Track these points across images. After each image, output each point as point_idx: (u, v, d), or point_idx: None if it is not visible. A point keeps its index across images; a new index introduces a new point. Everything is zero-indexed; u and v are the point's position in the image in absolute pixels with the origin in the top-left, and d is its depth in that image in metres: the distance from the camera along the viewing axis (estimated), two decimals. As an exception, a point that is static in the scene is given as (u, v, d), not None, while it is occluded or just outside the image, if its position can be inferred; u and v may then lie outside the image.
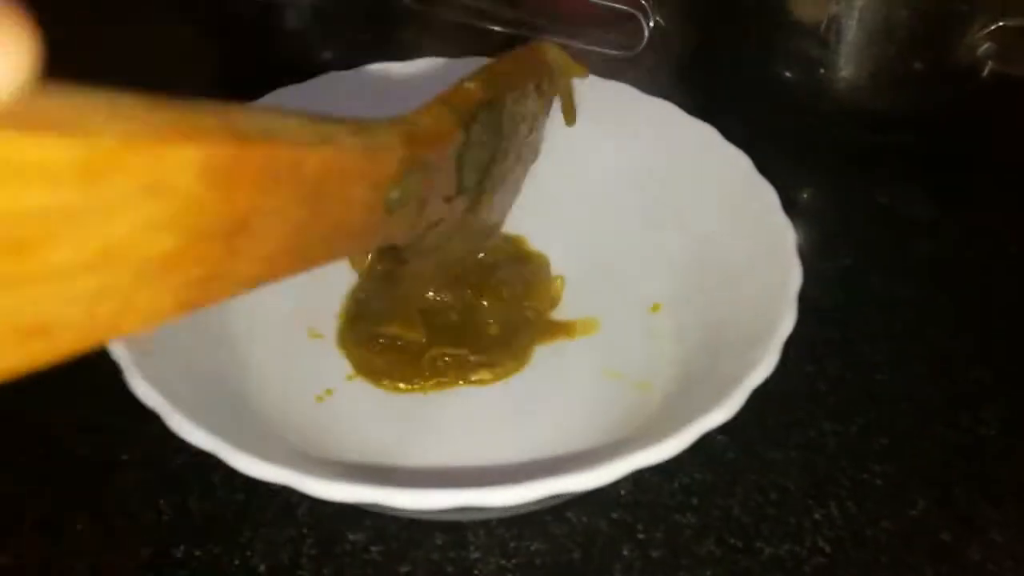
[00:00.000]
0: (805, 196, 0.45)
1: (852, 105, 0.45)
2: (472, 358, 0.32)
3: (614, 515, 0.29)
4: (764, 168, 0.45)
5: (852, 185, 0.45)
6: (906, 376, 0.34)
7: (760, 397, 0.33)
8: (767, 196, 0.30)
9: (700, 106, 0.51)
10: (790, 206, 0.42)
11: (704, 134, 0.33)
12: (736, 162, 0.31)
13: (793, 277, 0.26)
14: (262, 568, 0.27)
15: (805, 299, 0.37)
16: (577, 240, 0.37)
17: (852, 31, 0.41)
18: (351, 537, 0.28)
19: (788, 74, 0.45)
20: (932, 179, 0.45)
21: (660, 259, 0.34)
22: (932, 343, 0.36)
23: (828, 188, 0.46)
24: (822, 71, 0.44)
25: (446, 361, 0.32)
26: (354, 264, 0.35)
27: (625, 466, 0.21)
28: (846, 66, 0.43)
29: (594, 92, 0.36)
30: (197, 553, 0.27)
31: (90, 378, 0.23)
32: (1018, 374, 0.34)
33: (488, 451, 0.30)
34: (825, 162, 0.47)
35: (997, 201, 0.44)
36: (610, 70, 0.55)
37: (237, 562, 0.27)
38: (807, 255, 0.39)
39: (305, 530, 0.28)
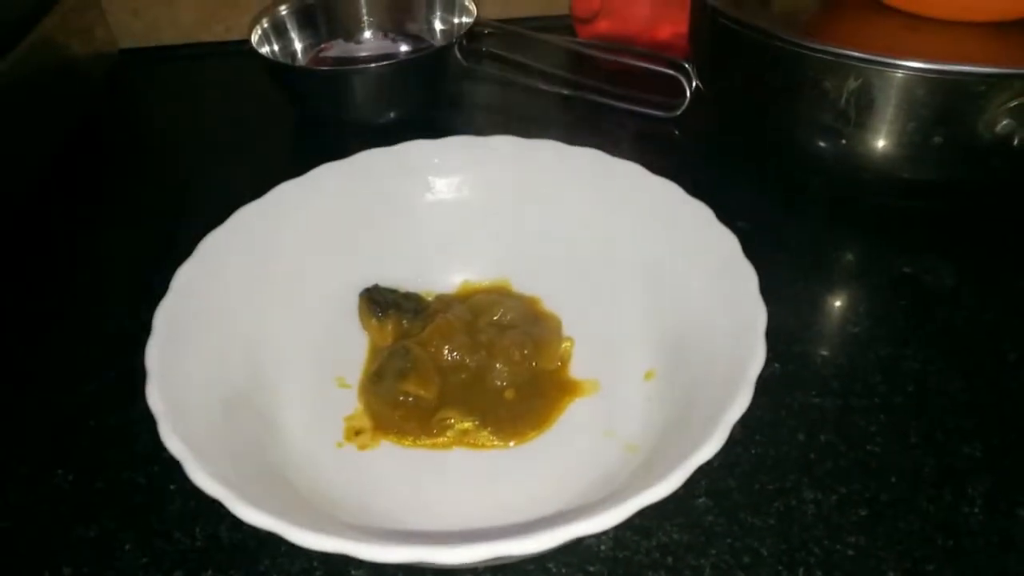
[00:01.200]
0: (827, 261, 0.46)
1: (881, 173, 0.46)
2: (485, 431, 0.35)
3: (591, 568, 0.31)
4: (789, 232, 0.47)
5: (877, 252, 0.46)
6: (898, 448, 0.35)
7: (752, 463, 0.35)
8: (748, 278, 0.32)
9: (731, 169, 0.53)
10: (810, 270, 0.44)
11: (700, 214, 0.35)
12: (725, 243, 0.34)
13: (757, 358, 0.28)
14: (275, 595, 0.31)
15: (808, 365, 0.39)
16: (586, 305, 0.39)
17: (873, 105, 0.43)
18: (354, 573, 0.32)
19: (819, 143, 0.47)
20: (959, 247, 0.46)
21: (655, 330, 0.36)
22: (931, 416, 0.37)
23: (854, 253, 0.47)
24: (849, 141, 0.45)
25: (452, 425, 0.35)
26: (378, 341, 0.39)
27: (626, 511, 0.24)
28: (870, 137, 0.44)
29: (606, 171, 0.38)
30: (221, 578, 0.32)
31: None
32: (1009, 448, 0.35)
33: (490, 506, 0.32)
34: (852, 228, 0.48)
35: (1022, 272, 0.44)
36: (651, 129, 0.58)
37: (254, 588, 0.31)
38: (818, 322, 0.42)
39: (315, 563, 0.32)
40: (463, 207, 0.41)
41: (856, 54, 0.41)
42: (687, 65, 0.56)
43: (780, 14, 0.49)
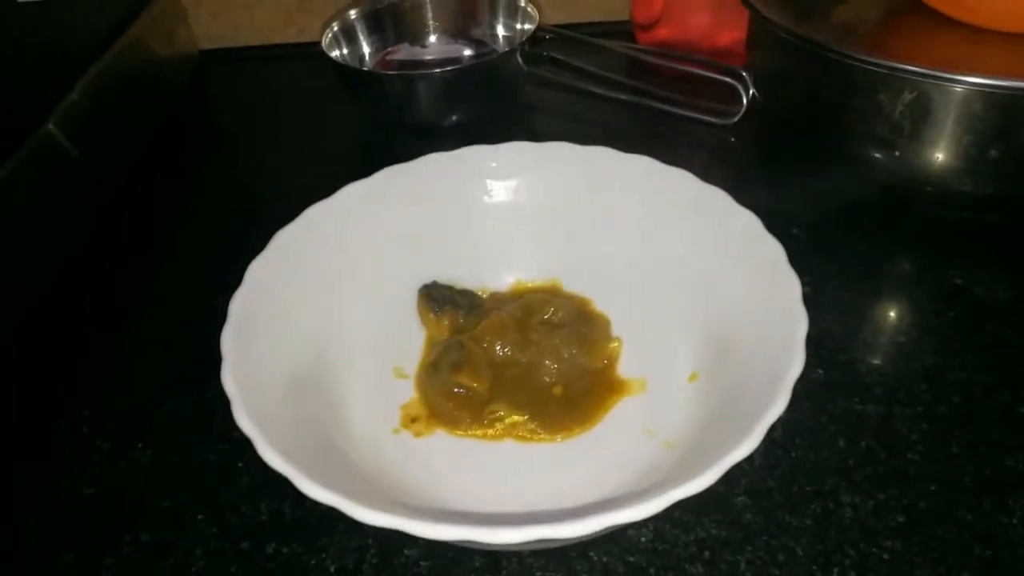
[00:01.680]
0: (877, 271, 0.46)
1: (934, 185, 0.46)
2: (533, 425, 0.37)
3: (631, 558, 0.33)
4: (841, 241, 0.47)
5: (928, 263, 0.46)
6: (940, 457, 0.36)
7: (792, 465, 0.36)
8: (791, 286, 0.33)
9: (784, 178, 0.54)
10: (860, 279, 0.44)
11: (747, 222, 0.36)
12: (770, 251, 0.35)
13: (795, 363, 0.30)
14: (332, 569, 0.33)
15: (852, 372, 0.40)
16: (634, 307, 0.41)
17: (928, 118, 0.43)
18: (406, 552, 0.34)
19: (873, 154, 0.47)
20: (1013, 261, 0.46)
21: (700, 333, 0.38)
22: (975, 427, 0.37)
23: (905, 263, 0.47)
24: (903, 153, 0.45)
25: (502, 417, 0.37)
26: (435, 335, 0.41)
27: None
28: (924, 150, 0.44)
29: (658, 177, 0.40)
30: (284, 550, 0.34)
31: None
32: (1053, 466, 0.35)
33: (535, 495, 0.34)
34: (903, 238, 0.48)
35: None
36: (707, 135, 0.59)
37: (313, 562, 0.33)
38: (865, 330, 0.42)
39: (370, 541, 0.34)
40: (518, 210, 0.43)
41: (911, 67, 0.42)
42: (744, 73, 0.57)
43: (838, 25, 0.49)
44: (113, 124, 0.55)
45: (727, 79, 0.58)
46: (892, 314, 0.44)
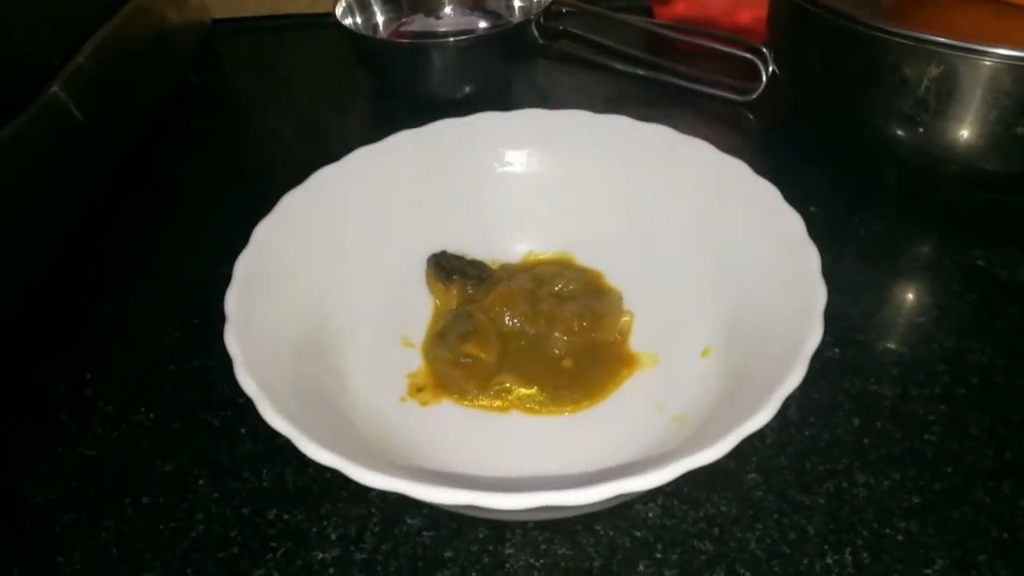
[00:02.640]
0: (896, 250, 0.45)
1: (958, 163, 0.45)
2: (541, 397, 0.36)
3: (638, 533, 0.32)
4: (860, 220, 0.46)
5: (949, 243, 0.45)
6: (957, 439, 0.35)
7: (805, 444, 0.35)
8: (810, 258, 0.32)
9: (804, 156, 0.53)
10: (879, 258, 0.43)
11: (767, 193, 0.35)
12: (790, 222, 0.34)
13: (814, 335, 0.29)
14: (334, 537, 0.33)
15: (868, 352, 0.39)
16: (648, 280, 0.40)
17: (954, 93, 0.42)
18: (409, 521, 0.33)
19: (896, 131, 0.46)
20: (1037, 242, 0.45)
21: (716, 308, 0.37)
22: (994, 410, 0.36)
23: (925, 243, 0.46)
24: (927, 130, 0.44)
25: (510, 389, 0.37)
26: (443, 304, 0.40)
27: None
28: (949, 127, 0.43)
29: (675, 147, 0.39)
30: (285, 517, 0.33)
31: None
32: (1075, 450, 0.34)
33: (541, 466, 0.34)
34: (924, 218, 0.47)
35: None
36: (725, 112, 0.58)
37: (315, 529, 0.33)
38: (882, 310, 0.41)
39: (373, 510, 0.33)
40: (531, 179, 0.42)
41: (939, 39, 0.41)
42: (764, 49, 0.56)
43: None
44: (120, 90, 0.54)
45: (746, 55, 0.57)
46: (911, 295, 0.43)
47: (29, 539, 0.33)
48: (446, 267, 0.41)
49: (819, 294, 0.30)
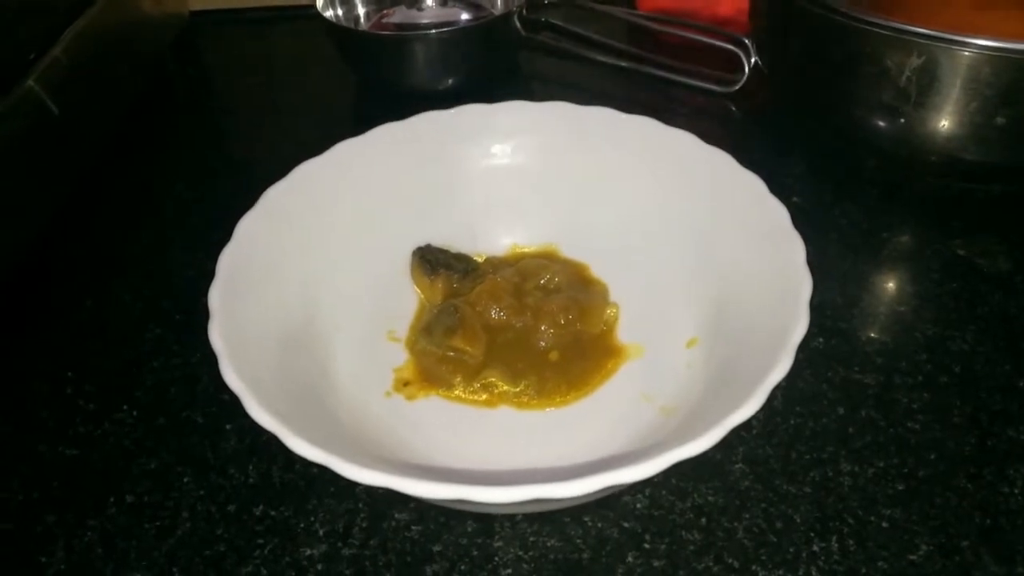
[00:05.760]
0: (878, 240, 0.45)
1: (939, 153, 0.45)
2: (528, 390, 0.36)
3: (626, 524, 0.32)
4: (842, 211, 0.46)
5: (930, 233, 0.46)
6: (940, 427, 0.35)
7: (790, 433, 0.36)
8: (795, 248, 0.32)
9: (786, 147, 0.53)
10: (861, 249, 0.44)
11: (751, 184, 0.36)
12: (774, 213, 0.34)
13: (800, 324, 0.29)
14: (321, 532, 0.32)
15: (852, 341, 0.39)
16: (633, 272, 0.40)
17: (935, 84, 0.42)
18: (396, 516, 0.33)
19: (877, 122, 0.46)
20: (1016, 232, 0.45)
21: (701, 298, 0.37)
22: (976, 397, 0.36)
23: (906, 233, 0.46)
24: (908, 120, 0.44)
25: (496, 385, 0.36)
26: (428, 299, 0.40)
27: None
28: (930, 117, 0.44)
29: (660, 139, 0.39)
30: (272, 513, 0.33)
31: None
32: (1056, 437, 0.35)
33: (529, 460, 0.34)
34: (906, 208, 0.48)
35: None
36: (708, 104, 0.58)
37: (302, 525, 0.33)
38: (865, 299, 0.41)
39: (360, 505, 0.33)
40: (516, 171, 0.42)
41: (920, 30, 0.41)
42: (746, 40, 0.56)
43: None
44: (97, 83, 0.53)
45: (729, 46, 0.57)
46: (893, 284, 0.43)
47: (11, 540, 0.33)
48: (431, 261, 0.41)
49: (805, 285, 0.30)
